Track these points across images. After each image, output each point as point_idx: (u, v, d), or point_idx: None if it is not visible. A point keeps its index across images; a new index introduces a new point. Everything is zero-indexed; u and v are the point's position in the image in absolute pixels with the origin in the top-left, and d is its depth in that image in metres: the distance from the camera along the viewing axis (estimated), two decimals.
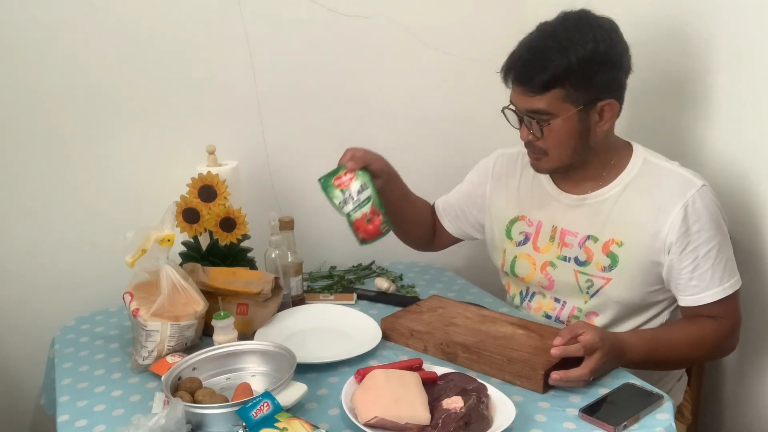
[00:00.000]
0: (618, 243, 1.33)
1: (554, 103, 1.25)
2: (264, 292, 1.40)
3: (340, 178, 1.38)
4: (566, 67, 1.22)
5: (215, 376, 1.25)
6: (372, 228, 1.39)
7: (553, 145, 1.31)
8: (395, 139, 1.95)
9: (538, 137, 1.30)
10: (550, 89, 1.24)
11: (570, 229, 1.40)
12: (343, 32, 1.81)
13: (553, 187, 1.43)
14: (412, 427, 1.04)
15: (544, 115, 1.27)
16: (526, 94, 1.27)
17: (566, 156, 1.32)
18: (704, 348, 1.32)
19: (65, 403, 1.22)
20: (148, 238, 1.31)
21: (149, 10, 1.62)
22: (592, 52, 1.23)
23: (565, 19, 1.28)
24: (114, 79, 1.63)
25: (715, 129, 1.51)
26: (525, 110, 1.29)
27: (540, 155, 1.34)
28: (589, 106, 1.27)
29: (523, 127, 1.32)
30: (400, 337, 1.38)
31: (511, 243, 1.50)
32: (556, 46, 1.24)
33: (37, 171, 1.62)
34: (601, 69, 1.25)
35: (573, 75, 1.23)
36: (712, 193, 1.31)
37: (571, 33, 1.24)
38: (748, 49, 1.42)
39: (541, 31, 1.28)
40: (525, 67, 1.26)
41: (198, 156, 1.63)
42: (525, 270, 1.47)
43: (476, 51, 1.95)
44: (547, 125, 1.28)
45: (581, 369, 1.16)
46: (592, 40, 1.23)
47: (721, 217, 1.31)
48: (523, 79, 1.27)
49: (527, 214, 1.47)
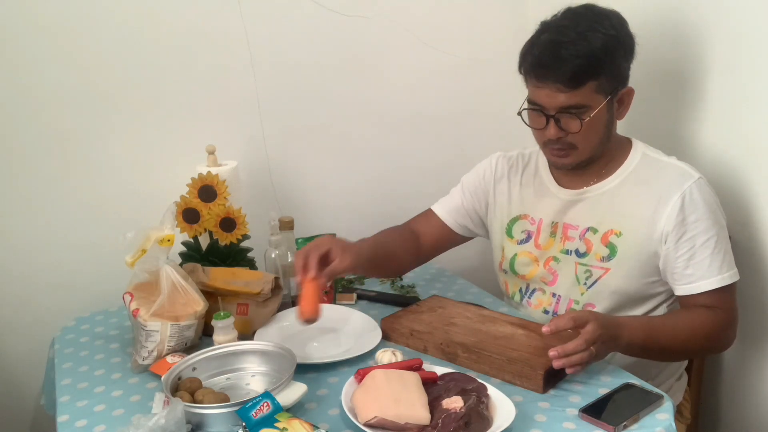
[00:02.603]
0: (617, 233, 1.35)
1: (589, 95, 1.26)
2: (264, 292, 1.40)
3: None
4: (597, 57, 1.24)
5: (215, 376, 1.25)
6: (326, 300, 1.52)
7: (584, 138, 1.30)
8: (395, 139, 1.96)
9: (575, 132, 1.28)
10: (585, 83, 1.25)
11: (571, 223, 1.41)
12: (343, 32, 1.81)
13: (554, 184, 1.45)
14: (412, 427, 1.04)
15: (581, 108, 1.27)
16: (560, 91, 1.25)
17: (594, 147, 1.33)
18: (701, 337, 1.30)
19: (65, 403, 1.22)
20: (148, 238, 1.31)
21: (149, 10, 1.62)
22: (614, 39, 1.25)
23: (576, 13, 1.29)
24: (114, 79, 1.63)
25: (710, 126, 1.52)
26: (559, 107, 1.27)
27: (568, 150, 1.33)
28: (614, 94, 1.29)
29: (551, 125, 1.29)
30: (400, 337, 1.38)
31: (511, 241, 1.51)
32: (580, 39, 1.23)
33: (37, 171, 1.62)
34: (623, 55, 1.28)
35: (603, 64, 1.25)
36: (709, 186, 1.32)
37: (590, 23, 1.25)
38: (744, 47, 1.42)
39: (558, 26, 1.27)
40: (556, 64, 1.24)
41: (198, 156, 1.63)
42: (526, 267, 1.48)
43: (476, 51, 1.95)
44: (585, 119, 1.27)
45: (577, 339, 1.12)
46: (612, 27, 1.25)
47: (718, 209, 1.32)
48: (556, 76, 1.25)
49: (529, 212, 1.48)
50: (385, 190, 1.98)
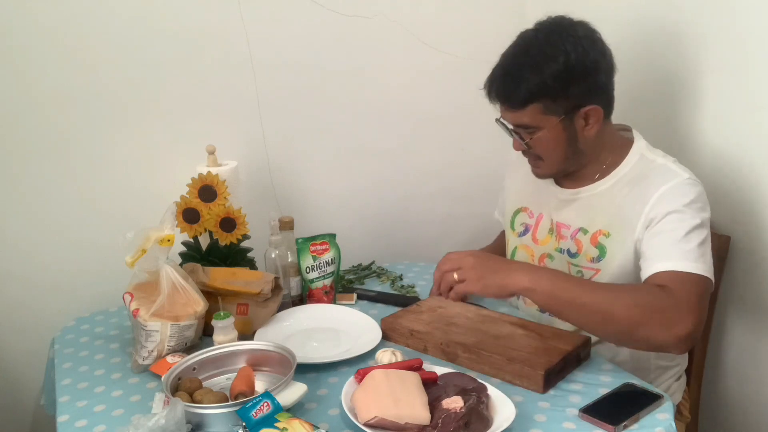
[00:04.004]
0: (605, 234, 1.35)
1: (535, 116, 1.30)
2: (264, 292, 1.40)
3: (317, 245, 1.52)
4: (539, 83, 1.26)
5: (215, 376, 1.25)
6: (326, 300, 1.55)
7: (546, 153, 1.36)
8: (395, 139, 1.96)
9: (527, 148, 1.36)
10: (528, 105, 1.29)
11: (564, 223, 1.43)
12: (343, 32, 1.81)
13: (551, 182, 1.47)
14: (412, 427, 1.05)
15: (529, 128, 1.32)
16: (509, 110, 1.33)
17: (559, 161, 1.37)
18: (632, 305, 1.15)
19: (65, 403, 1.22)
20: (148, 238, 1.31)
21: (149, 11, 1.62)
22: (564, 65, 1.25)
23: (537, 32, 1.31)
24: (114, 79, 1.63)
25: (710, 127, 1.52)
26: (512, 124, 1.35)
27: (537, 161, 1.40)
28: (571, 114, 1.30)
29: (514, 138, 1.37)
30: (400, 337, 1.38)
31: (513, 234, 1.54)
32: (528, 63, 1.28)
33: (37, 171, 1.62)
34: (574, 79, 1.27)
35: (547, 89, 1.27)
36: (696, 187, 1.28)
37: (542, 47, 1.27)
38: (740, 47, 1.42)
39: (516, 46, 1.32)
40: (502, 85, 1.31)
41: (198, 156, 1.63)
42: (523, 261, 1.50)
43: (476, 51, 1.94)
44: (532, 137, 1.33)
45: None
46: (563, 53, 1.25)
47: (701, 211, 1.26)
48: (503, 97, 1.32)
49: (529, 205, 1.52)
50: (386, 190, 1.98)
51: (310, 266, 1.53)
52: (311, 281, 1.53)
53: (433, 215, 2.05)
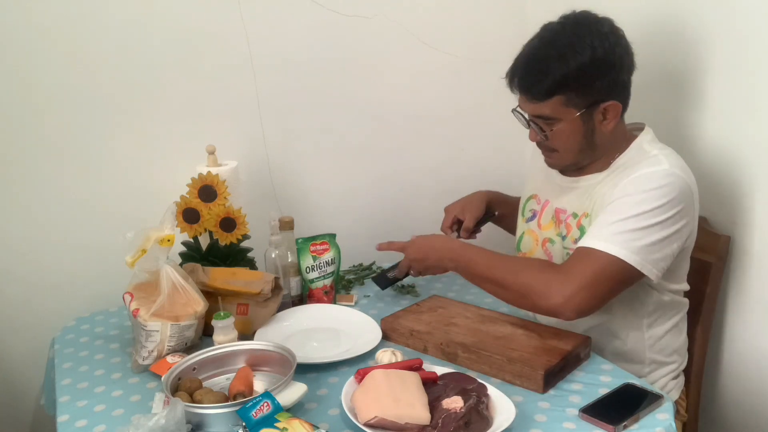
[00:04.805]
0: (586, 215, 1.38)
1: (557, 108, 1.30)
2: (264, 292, 1.40)
3: (317, 245, 1.53)
4: (565, 75, 1.26)
5: (215, 376, 1.25)
6: (326, 300, 1.56)
7: (561, 144, 1.36)
8: (395, 138, 1.96)
9: (544, 139, 1.36)
10: (551, 96, 1.29)
11: (562, 208, 1.46)
12: (343, 32, 1.81)
13: (557, 172, 1.48)
14: (412, 427, 1.05)
15: (548, 119, 1.32)
16: (530, 101, 1.32)
17: (574, 154, 1.37)
18: (520, 275, 1.29)
19: (65, 403, 1.22)
20: (148, 238, 1.31)
21: (149, 12, 1.62)
22: (590, 58, 1.26)
23: (563, 25, 1.31)
24: (114, 79, 1.63)
25: (710, 127, 1.52)
26: (531, 115, 1.35)
27: (551, 153, 1.41)
28: (591, 108, 1.30)
29: (531, 129, 1.38)
30: (400, 337, 1.38)
31: (522, 219, 1.57)
32: (555, 55, 1.27)
33: (38, 171, 1.62)
34: (599, 74, 1.28)
35: (572, 82, 1.27)
36: (671, 180, 1.26)
37: (569, 40, 1.27)
38: (742, 48, 1.42)
39: (542, 38, 1.31)
40: (527, 76, 1.31)
41: (198, 156, 1.63)
42: (528, 245, 1.53)
43: (476, 51, 1.95)
44: (552, 129, 1.33)
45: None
46: (589, 47, 1.26)
47: (661, 197, 1.24)
48: (526, 87, 1.32)
49: (539, 192, 1.54)
50: (385, 190, 1.98)
51: (310, 266, 1.53)
52: (311, 281, 1.54)
53: (433, 215, 2.05)
